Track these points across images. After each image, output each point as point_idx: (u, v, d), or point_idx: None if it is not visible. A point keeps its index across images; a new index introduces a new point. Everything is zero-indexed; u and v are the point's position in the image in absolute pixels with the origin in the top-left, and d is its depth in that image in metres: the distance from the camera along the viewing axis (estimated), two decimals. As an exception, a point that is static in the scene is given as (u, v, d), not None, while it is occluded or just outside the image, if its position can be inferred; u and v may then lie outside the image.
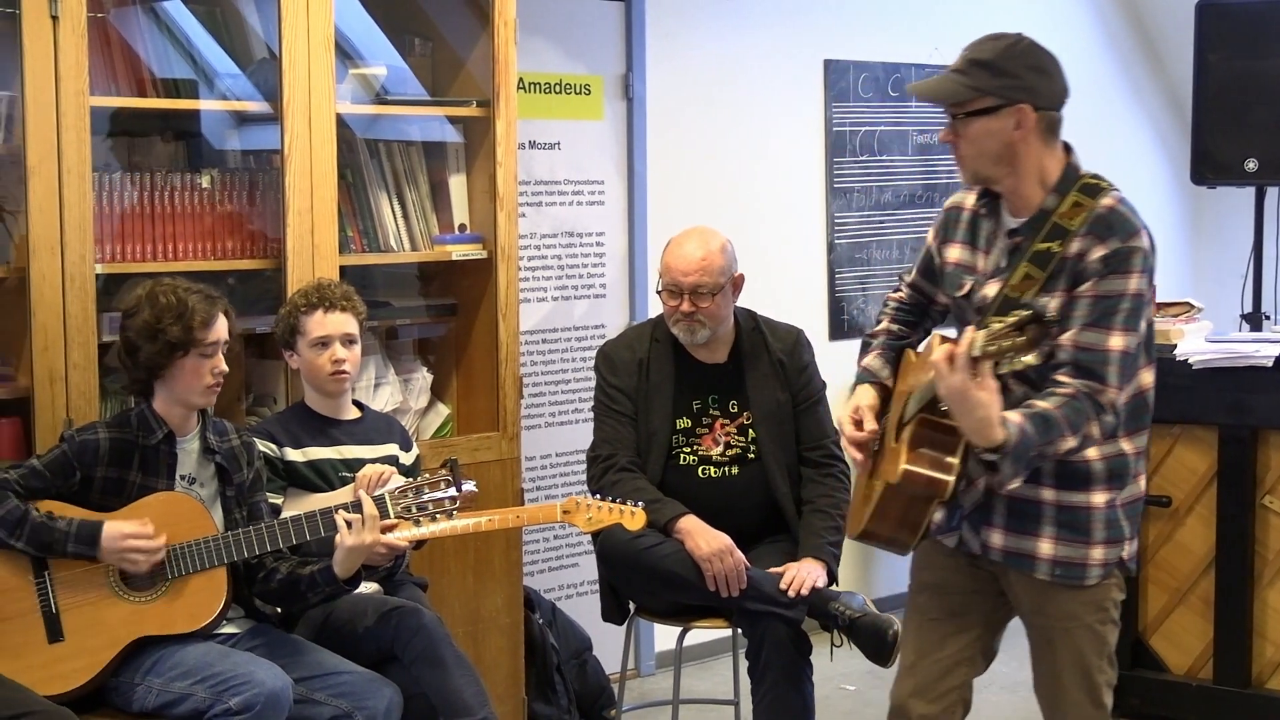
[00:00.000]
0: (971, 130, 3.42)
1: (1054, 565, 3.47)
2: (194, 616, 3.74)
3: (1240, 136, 6.52)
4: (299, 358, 4.23)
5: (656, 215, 5.78)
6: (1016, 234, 3.46)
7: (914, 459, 3.38)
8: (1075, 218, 3.37)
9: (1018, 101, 3.38)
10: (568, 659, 5.11)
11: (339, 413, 4.28)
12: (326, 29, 4.43)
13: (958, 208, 3.67)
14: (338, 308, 4.19)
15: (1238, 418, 5.04)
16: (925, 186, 6.79)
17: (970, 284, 3.56)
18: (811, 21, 6.39)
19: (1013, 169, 3.43)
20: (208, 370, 3.80)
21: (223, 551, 3.74)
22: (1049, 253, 3.36)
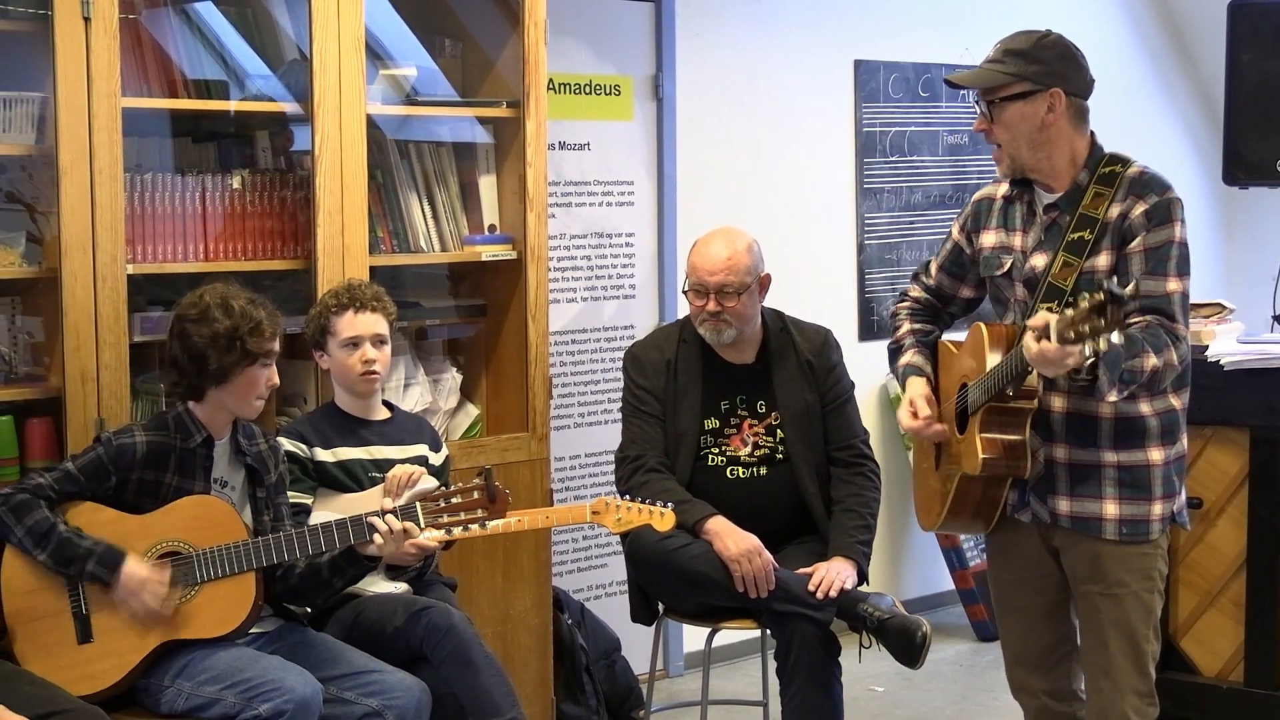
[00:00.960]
0: (1007, 115, 3.65)
1: (1120, 524, 3.66)
2: (223, 621, 3.74)
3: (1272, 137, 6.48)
4: (329, 358, 4.24)
5: (686, 216, 5.78)
6: (1053, 208, 3.69)
7: (989, 446, 3.62)
8: (1099, 207, 3.61)
9: (1050, 86, 3.62)
10: (596, 659, 5.11)
11: (369, 413, 4.30)
12: (357, 30, 4.44)
13: (988, 198, 3.89)
14: (368, 308, 4.20)
15: (1269, 419, 5.01)
16: (955, 187, 6.78)
17: (1010, 261, 3.76)
18: (842, 22, 6.38)
19: (1047, 153, 3.67)
20: (263, 381, 3.82)
21: (253, 556, 3.73)
22: (1082, 241, 3.60)
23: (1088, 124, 3.72)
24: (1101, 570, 3.70)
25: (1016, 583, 3.89)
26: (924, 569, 6.72)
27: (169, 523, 3.74)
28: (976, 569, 6.44)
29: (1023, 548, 3.83)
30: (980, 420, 3.63)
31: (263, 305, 3.83)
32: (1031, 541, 3.80)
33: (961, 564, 6.48)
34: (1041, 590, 3.84)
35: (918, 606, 6.37)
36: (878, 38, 6.49)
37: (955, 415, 3.80)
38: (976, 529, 3.90)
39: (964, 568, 6.48)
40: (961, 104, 6.76)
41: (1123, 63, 7.17)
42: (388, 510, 3.79)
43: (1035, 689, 3.91)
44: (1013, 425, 3.63)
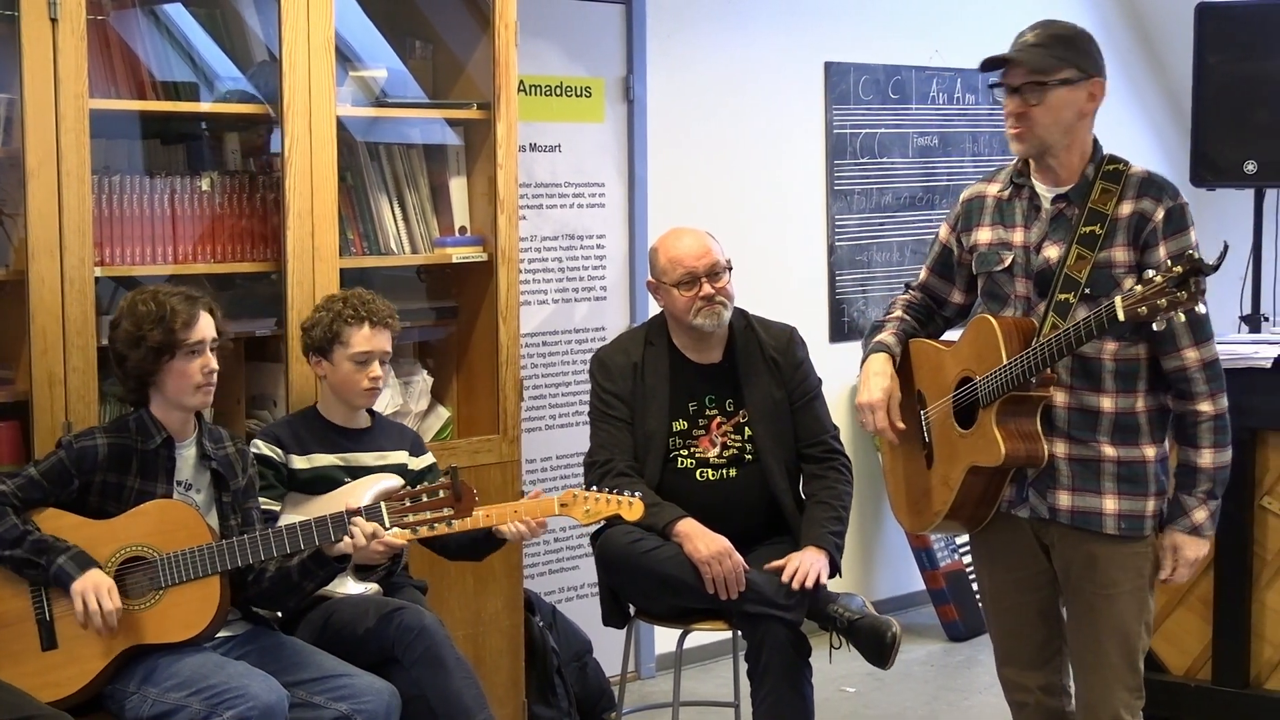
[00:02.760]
0: (1053, 99, 3.69)
1: (1119, 519, 3.70)
2: (188, 625, 3.73)
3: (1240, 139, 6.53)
4: (331, 367, 4.22)
5: (657, 218, 5.78)
6: (1062, 200, 3.73)
7: (1009, 437, 3.66)
8: (1107, 203, 3.65)
9: (1094, 75, 3.71)
10: (568, 661, 5.11)
11: (351, 421, 4.30)
12: (327, 31, 4.44)
13: (979, 196, 3.92)
14: (383, 324, 4.22)
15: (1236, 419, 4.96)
16: (925, 189, 6.80)
17: (1011, 257, 3.77)
18: (812, 24, 6.39)
19: (1071, 140, 3.72)
20: (197, 370, 3.80)
21: (217, 560, 3.73)
22: (1094, 235, 3.65)
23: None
24: (1097, 570, 3.72)
25: (1008, 581, 3.90)
26: (895, 569, 6.73)
27: (133, 527, 3.74)
28: (947, 569, 6.46)
29: (1015, 545, 3.84)
30: (997, 412, 3.67)
31: (184, 296, 3.81)
32: (1024, 538, 3.82)
33: (932, 564, 6.50)
34: (1034, 588, 3.86)
35: (888, 607, 6.38)
36: (848, 40, 6.50)
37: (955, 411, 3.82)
38: (970, 527, 3.91)
39: (935, 568, 6.49)
40: (931, 106, 6.78)
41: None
42: (353, 510, 3.79)
43: (1030, 686, 3.92)
44: (1026, 415, 3.68)
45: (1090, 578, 3.73)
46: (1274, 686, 5.08)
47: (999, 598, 3.96)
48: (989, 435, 3.68)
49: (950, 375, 3.85)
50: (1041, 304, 3.70)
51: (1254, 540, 5.06)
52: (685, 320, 4.59)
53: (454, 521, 3.84)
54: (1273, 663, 5.07)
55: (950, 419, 3.83)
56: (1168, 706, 5.14)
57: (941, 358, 3.91)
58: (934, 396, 3.91)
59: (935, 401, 3.90)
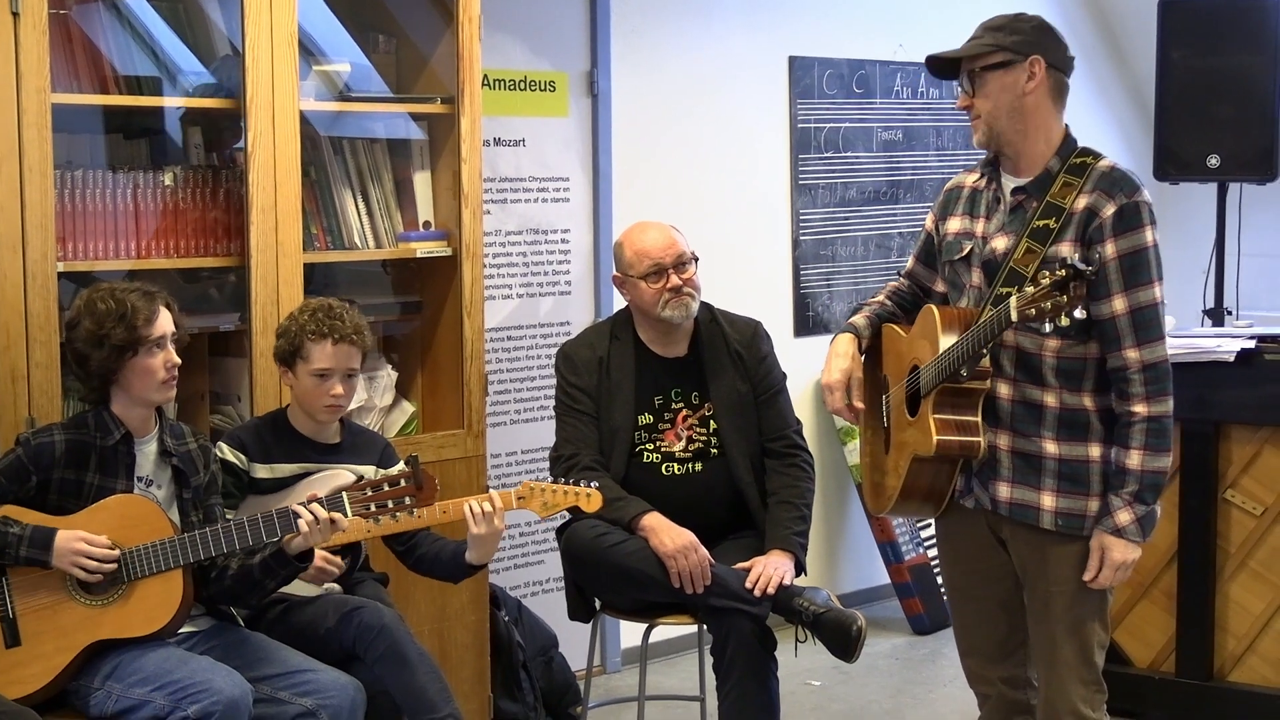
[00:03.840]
0: (989, 85, 3.69)
1: (1056, 516, 3.68)
2: (151, 619, 3.72)
3: (1203, 133, 6.56)
4: (294, 378, 4.18)
5: (622, 212, 5.78)
6: (1021, 191, 3.71)
7: (942, 427, 3.66)
8: (1067, 197, 3.63)
9: (1029, 54, 3.66)
10: (533, 656, 5.11)
11: (321, 434, 4.24)
12: (290, 26, 4.42)
13: (958, 186, 3.93)
14: (347, 340, 4.12)
15: (1200, 412, 5.07)
16: (889, 183, 6.81)
17: (970, 246, 3.79)
18: (776, 18, 6.39)
19: (1024, 127, 3.69)
20: (160, 365, 3.78)
21: (179, 553, 3.72)
22: (1047, 229, 3.63)
23: (1064, 107, 3.75)
24: (1049, 566, 3.72)
25: (969, 573, 3.92)
26: (860, 563, 6.75)
27: (94, 523, 3.72)
28: (912, 562, 6.48)
29: (972, 537, 3.86)
30: (933, 401, 3.67)
31: (142, 291, 3.78)
32: (980, 530, 3.83)
33: (897, 558, 6.51)
34: (994, 580, 3.87)
35: (853, 600, 6.40)
36: (812, 34, 6.51)
37: (906, 398, 3.83)
38: (927, 512, 3.94)
39: (899, 561, 6.51)
40: (896, 101, 6.79)
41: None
42: (313, 498, 3.78)
43: (992, 678, 3.94)
44: (965, 406, 3.67)
45: (1042, 574, 3.74)
46: (1237, 679, 5.11)
47: (961, 590, 3.98)
48: (925, 425, 3.70)
49: (905, 362, 3.88)
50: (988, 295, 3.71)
51: (1217, 533, 5.09)
52: (653, 313, 4.59)
53: (415, 510, 3.82)
54: (1236, 655, 5.10)
55: (902, 406, 3.86)
56: (1132, 699, 5.17)
57: (901, 345, 3.94)
58: (894, 382, 3.95)
59: (894, 387, 3.94)
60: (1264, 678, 5.06)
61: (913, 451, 3.77)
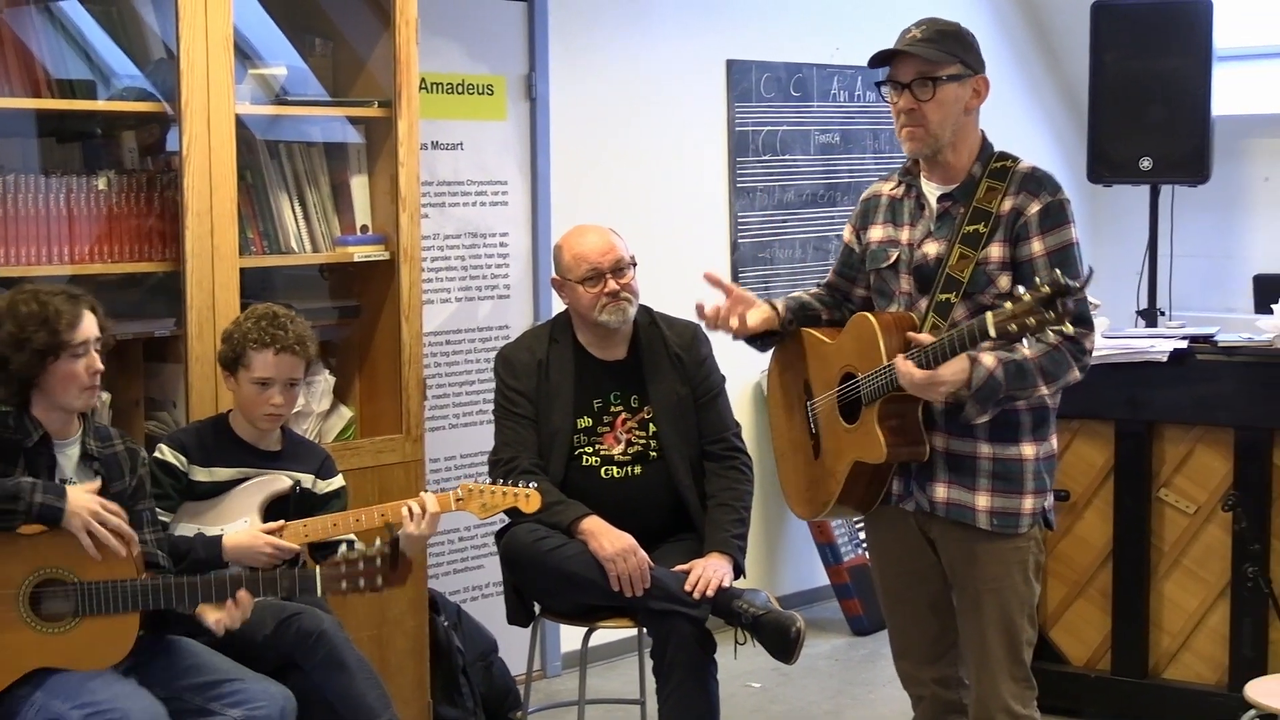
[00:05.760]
0: (945, 94, 3.71)
1: (991, 516, 3.71)
2: (101, 657, 3.66)
3: (1135, 135, 6.63)
4: (236, 385, 4.16)
5: (560, 215, 5.77)
6: (947, 198, 3.74)
7: (890, 436, 3.70)
8: (993, 200, 3.67)
9: (979, 72, 3.73)
10: (473, 661, 5.10)
11: (262, 441, 4.22)
12: (225, 28, 4.39)
13: (875, 195, 3.95)
14: (289, 350, 4.11)
15: (1134, 412, 5.11)
16: (827, 186, 6.84)
17: (897, 253, 3.81)
18: (714, 21, 6.41)
19: (957, 138, 3.75)
20: (82, 371, 3.72)
21: (139, 599, 3.66)
22: (977, 233, 3.67)
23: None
24: (978, 564, 3.76)
25: (900, 575, 3.95)
26: (799, 564, 6.77)
27: (53, 548, 3.64)
28: (851, 564, 6.50)
29: (903, 539, 3.88)
30: (879, 409, 3.69)
31: (67, 295, 3.72)
32: (910, 532, 3.86)
33: (836, 559, 6.54)
34: (924, 581, 3.90)
35: (793, 602, 6.41)
36: (750, 38, 6.53)
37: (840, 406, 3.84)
38: (856, 515, 4.00)
39: (839, 563, 6.53)
40: (833, 104, 6.82)
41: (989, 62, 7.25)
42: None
43: (925, 679, 3.97)
44: (910, 413, 3.70)
45: (971, 573, 3.78)
46: (1172, 676, 5.16)
47: (891, 592, 4.00)
48: (872, 434, 3.71)
49: (834, 370, 3.89)
50: (923, 300, 3.74)
51: (1152, 532, 5.14)
52: (591, 317, 4.59)
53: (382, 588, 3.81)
54: (1171, 652, 5.15)
55: (835, 413, 3.87)
56: (1068, 697, 5.21)
57: (826, 351, 3.95)
58: (820, 389, 3.95)
59: (821, 394, 3.94)
60: (1198, 674, 5.11)
61: (854, 458, 3.78)
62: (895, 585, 3.98)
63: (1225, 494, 4.92)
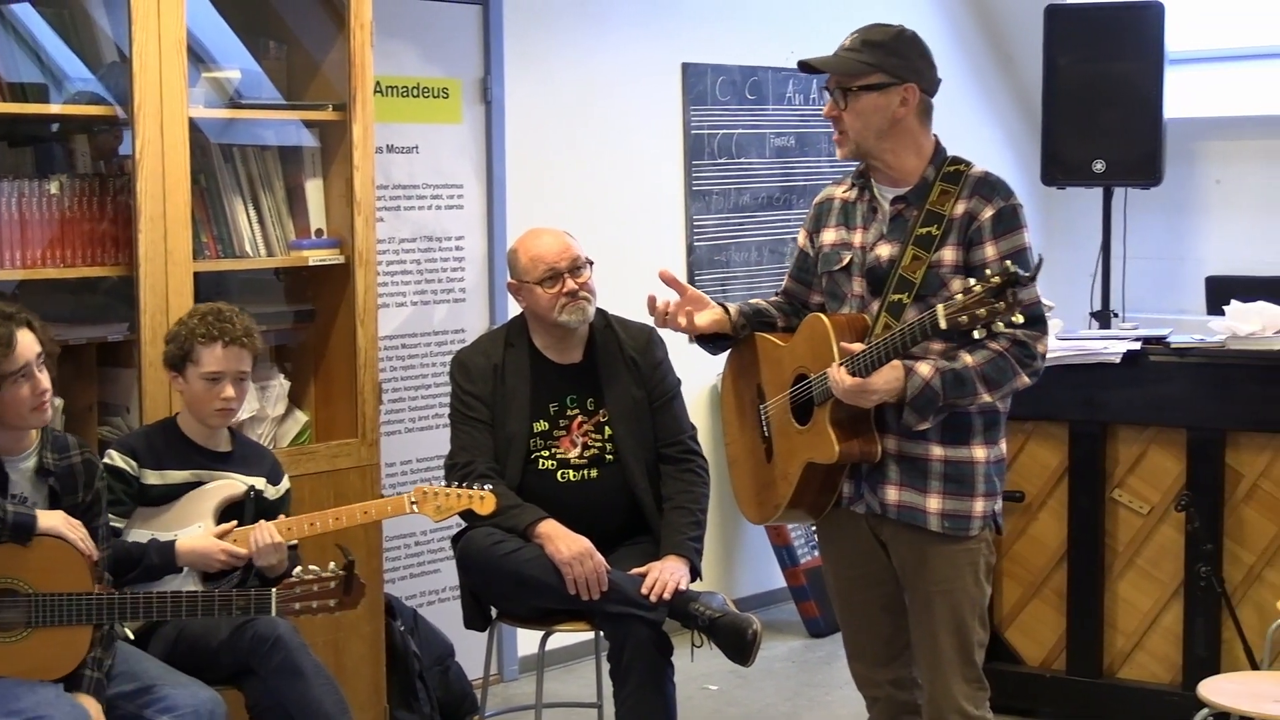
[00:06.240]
0: (861, 104, 3.71)
1: (942, 518, 3.72)
2: (49, 668, 3.64)
3: (1088, 138, 6.68)
4: (185, 383, 4.14)
5: (516, 219, 5.76)
6: (901, 201, 3.75)
7: (842, 436, 3.69)
8: (946, 204, 3.68)
9: (906, 81, 3.70)
10: (430, 666, 5.08)
11: (211, 441, 4.21)
12: (178, 31, 4.37)
13: (828, 199, 3.96)
14: (238, 343, 4.11)
15: (1088, 413, 5.14)
16: (783, 189, 6.85)
17: (850, 256, 3.82)
18: (669, 25, 6.42)
19: (893, 145, 3.73)
20: (28, 395, 3.64)
21: (94, 613, 3.64)
22: (930, 236, 3.68)
23: (931, 122, 3.80)
24: (929, 567, 3.77)
25: (852, 578, 3.95)
26: (756, 567, 6.78)
27: (9, 558, 3.60)
28: (808, 565, 6.52)
29: (855, 541, 3.89)
30: (831, 409, 3.69)
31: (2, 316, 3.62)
32: (862, 535, 3.86)
33: (793, 561, 6.55)
34: (876, 583, 3.90)
35: (750, 604, 6.42)
36: (705, 41, 6.53)
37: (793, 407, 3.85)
38: (808, 519, 3.97)
39: (795, 565, 6.55)
40: (788, 107, 6.84)
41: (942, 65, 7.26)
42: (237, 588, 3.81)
43: (879, 680, 3.98)
44: (860, 413, 3.70)
45: (922, 574, 3.79)
46: (1127, 675, 5.19)
47: (844, 595, 4.01)
48: (824, 434, 3.72)
49: (787, 371, 3.89)
50: (875, 302, 3.74)
51: (1106, 532, 5.17)
52: (550, 318, 4.59)
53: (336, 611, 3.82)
54: (1125, 652, 5.18)
55: (788, 415, 3.87)
56: (1024, 697, 5.24)
57: (779, 353, 3.95)
58: (772, 392, 3.96)
59: (774, 397, 3.95)
60: (1153, 674, 5.14)
61: (806, 459, 3.78)
62: (848, 588, 3.98)
63: (1178, 494, 4.96)
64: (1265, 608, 4.86)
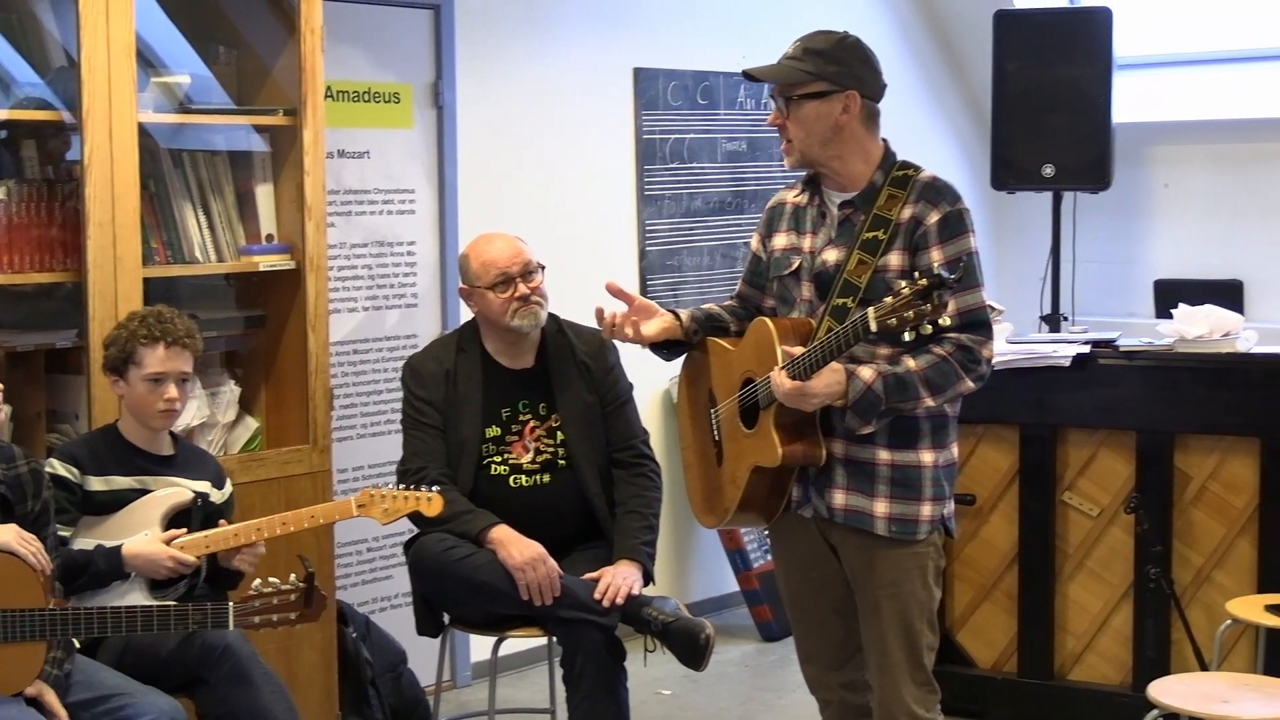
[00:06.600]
0: (803, 112, 3.73)
1: (890, 522, 3.73)
2: (4, 684, 3.60)
3: (1038, 143, 6.72)
4: (127, 386, 4.12)
5: (468, 223, 5.75)
6: (848, 205, 3.76)
7: (785, 439, 3.69)
8: (893, 208, 3.69)
9: (848, 88, 3.70)
10: (382, 673, 5.06)
11: (153, 445, 4.18)
12: (127, 36, 4.35)
13: (780, 204, 3.97)
14: (180, 344, 4.09)
15: (1038, 416, 5.17)
16: (734, 193, 6.86)
17: (799, 261, 3.83)
18: (621, 30, 6.42)
19: (838, 151, 3.75)
20: None
21: (48, 629, 3.61)
22: (876, 240, 3.69)
23: (879, 127, 3.80)
24: (877, 570, 3.78)
25: (803, 582, 3.96)
26: (709, 571, 6.79)
27: None
28: (760, 569, 6.53)
29: (805, 545, 3.90)
30: (775, 413, 3.70)
31: None
32: (812, 538, 3.87)
33: (746, 565, 6.56)
34: (827, 586, 3.91)
35: (703, 609, 6.44)
36: (657, 46, 6.54)
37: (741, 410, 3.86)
38: (759, 523, 3.97)
39: (748, 569, 6.56)
40: (740, 112, 6.85)
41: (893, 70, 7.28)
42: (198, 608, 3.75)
43: (832, 684, 3.99)
44: (805, 416, 3.70)
45: (871, 578, 3.80)
46: (1078, 677, 5.22)
47: (796, 598, 4.02)
48: (768, 437, 3.72)
49: (735, 375, 3.90)
50: (822, 307, 3.75)
51: (1056, 534, 5.20)
52: (502, 323, 4.58)
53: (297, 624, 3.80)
54: (1076, 654, 5.21)
55: (736, 419, 3.88)
56: (976, 700, 5.26)
57: (729, 357, 3.96)
58: (722, 396, 3.96)
59: (723, 401, 3.96)
60: (1103, 675, 5.17)
61: (753, 462, 3.79)
62: (799, 591, 3.99)
63: (1128, 496, 4.99)
64: (1214, 609, 4.89)
